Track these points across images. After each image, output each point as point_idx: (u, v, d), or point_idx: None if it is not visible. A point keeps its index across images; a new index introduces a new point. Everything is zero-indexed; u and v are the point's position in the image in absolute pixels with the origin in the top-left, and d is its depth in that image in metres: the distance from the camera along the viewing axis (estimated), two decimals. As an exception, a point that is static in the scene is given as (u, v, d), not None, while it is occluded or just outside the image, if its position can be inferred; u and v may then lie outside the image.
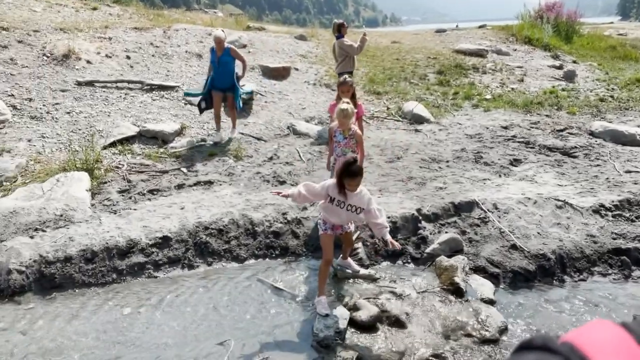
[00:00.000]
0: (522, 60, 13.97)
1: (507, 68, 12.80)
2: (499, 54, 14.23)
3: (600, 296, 4.32)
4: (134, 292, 4.27)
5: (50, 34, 9.41)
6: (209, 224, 4.90)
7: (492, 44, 15.21)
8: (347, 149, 4.76)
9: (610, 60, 15.56)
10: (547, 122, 8.71)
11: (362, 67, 11.78)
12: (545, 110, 9.68)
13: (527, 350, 0.61)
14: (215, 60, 7.21)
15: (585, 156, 7.21)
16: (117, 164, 6.29)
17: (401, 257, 4.91)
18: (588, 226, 5.11)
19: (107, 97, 8.00)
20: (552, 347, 0.59)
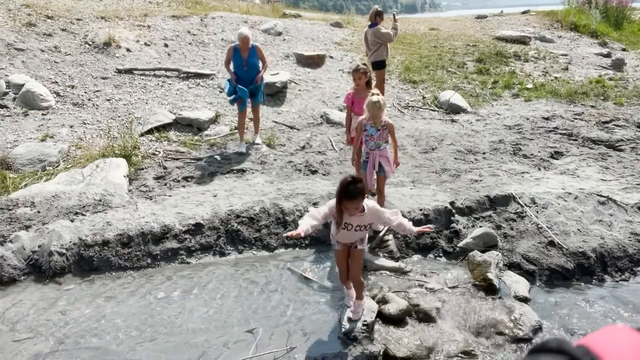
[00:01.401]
0: (567, 47, 13.36)
1: (550, 56, 12.27)
2: (543, 41, 13.66)
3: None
4: (167, 277, 4.38)
5: (92, 22, 9.67)
6: (240, 212, 4.95)
7: (536, 30, 14.60)
8: (381, 141, 4.60)
9: (663, 47, 14.66)
10: (591, 113, 8.31)
11: (398, 54, 11.56)
12: (590, 100, 9.23)
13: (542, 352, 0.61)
14: (242, 62, 6.40)
15: (632, 150, 6.85)
16: (154, 151, 6.43)
17: (432, 250, 4.83)
18: (632, 224, 4.86)
19: (146, 85, 8.18)
20: (567, 350, 0.59)
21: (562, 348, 0.59)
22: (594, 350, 0.58)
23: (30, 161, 5.93)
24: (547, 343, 0.62)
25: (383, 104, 4.36)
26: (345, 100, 5.47)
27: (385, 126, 4.58)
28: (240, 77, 6.41)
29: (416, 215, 5.01)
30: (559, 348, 0.60)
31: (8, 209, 4.91)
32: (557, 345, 0.60)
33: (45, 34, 8.78)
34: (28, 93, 7.17)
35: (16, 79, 7.39)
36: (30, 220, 4.78)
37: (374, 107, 4.33)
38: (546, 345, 0.62)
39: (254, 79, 6.45)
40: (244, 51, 6.38)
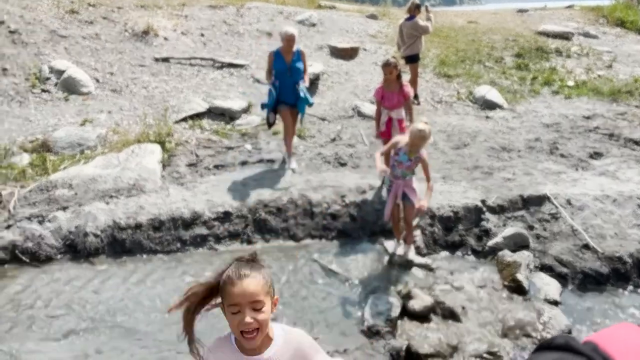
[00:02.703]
0: (612, 44, 12.79)
1: (594, 52, 11.78)
2: (587, 37, 13.11)
3: (682, 308, 3.94)
4: (196, 261, 4.48)
5: (132, 11, 9.89)
6: (268, 202, 5.00)
7: (580, 25, 14.03)
8: (408, 172, 4.19)
9: None
10: (635, 114, 7.95)
11: (434, 48, 11.34)
12: (635, 100, 8.82)
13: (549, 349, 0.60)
14: (285, 68, 5.51)
15: (678, 153, 6.52)
16: (187, 139, 6.55)
17: (461, 248, 4.76)
18: (675, 230, 4.64)
19: (181, 73, 8.32)
20: (575, 346, 0.58)
21: (569, 345, 0.59)
22: (602, 347, 0.57)
23: (70, 144, 6.15)
24: (555, 340, 0.61)
25: (428, 134, 3.91)
26: (375, 94, 5.30)
27: (419, 159, 4.10)
28: (284, 85, 5.53)
29: (445, 212, 4.94)
30: (567, 345, 0.59)
31: (47, 190, 5.11)
32: (565, 342, 0.60)
33: (87, 22, 9.03)
34: (69, 79, 7.42)
35: (58, 64, 7.66)
36: (67, 202, 4.96)
37: (417, 136, 3.86)
38: (553, 342, 0.61)
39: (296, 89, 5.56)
40: (287, 54, 5.51)
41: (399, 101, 5.08)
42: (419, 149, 4.00)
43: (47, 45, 8.11)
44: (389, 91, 5.08)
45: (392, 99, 5.07)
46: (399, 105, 5.10)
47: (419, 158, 4.09)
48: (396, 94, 5.05)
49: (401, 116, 5.16)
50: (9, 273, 4.28)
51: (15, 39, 7.99)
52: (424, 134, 3.85)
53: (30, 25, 8.40)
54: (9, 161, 5.67)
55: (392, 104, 5.09)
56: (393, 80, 5.02)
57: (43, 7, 9.07)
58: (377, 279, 4.19)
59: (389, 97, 5.07)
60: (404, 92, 5.03)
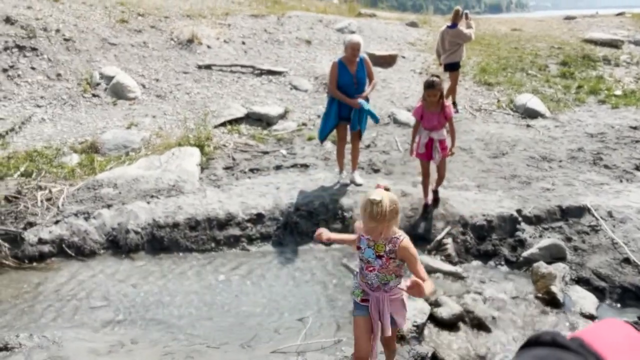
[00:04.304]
0: (667, 52, 12.18)
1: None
2: (637, 45, 12.55)
3: None
4: (229, 261, 4.61)
5: (178, 20, 10.32)
6: (300, 206, 5.09)
7: (630, 33, 13.45)
8: (389, 276, 2.55)
9: None
10: (688, 124, 7.55)
11: (475, 56, 11.18)
12: (689, 110, 8.38)
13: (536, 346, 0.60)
14: (351, 79, 5.12)
15: None
16: (225, 143, 6.76)
17: (494, 258, 4.67)
18: None
19: (222, 80, 8.61)
20: (561, 342, 0.59)
21: (556, 341, 0.59)
22: (588, 342, 0.58)
23: (116, 146, 6.47)
24: (541, 336, 0.62)
25: (386, 209, 2.29)
26: (414, 114, 4.89)
27: (394, 253, 2.45)
28: (351, 97, 5.15)
29: (478, 220, 4.87)
30: (554, 341, 0.60)
31: (94, 189, 5.41)
32: (551, 338, 0.60)
33: (136, 30, 9.50)
34: (118, 84, 7.82)
35: (108, 71, 8.09)
36: (112, 200, 5.23)
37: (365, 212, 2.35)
38: (540, 338, 0.62)
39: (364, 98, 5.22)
40: (351, 64, 5.12)
41: (440, 122, 4.72)
42: (384, 234, 2.42)
43: (98, 53, 8.58)
44: (429, 111, 4.69)
45: (433, 119, 4.71)
46: (440, 127, 4.75)
47: (394, 251, 2.44)
48: (437, 115, 4.68)
49: (443, 137, 4.79)
50: (55, 266, 4.56)
51: (69, 46, 8.50)
52: (376, 210, 2.27)
53: (84, 33, 8.92)
54: (59, 161, 6.03)
55: (432, 125, 4.73)
56: (435, 101, 4.63)
57: (95, 17, 9.61)
58: (406, 285, 4.18)
59: (429, 118, 4.71)
60: (445, 112, 4.67)
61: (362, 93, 5.24)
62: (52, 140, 6.53)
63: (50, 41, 8.43)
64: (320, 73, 9.29)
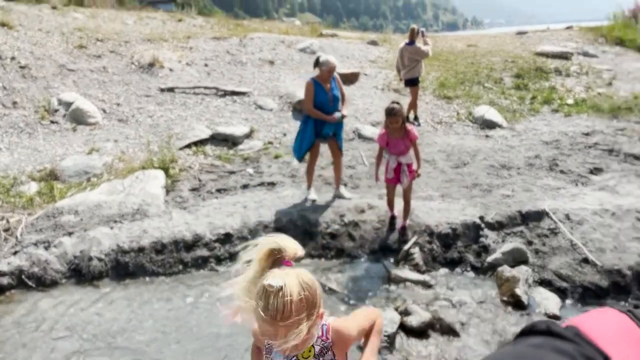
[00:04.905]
0: (612, 62, 12.91)
1: (593, 71, 11.90)
2: (586, 56, 13.26)
3: (685, 320, 3.90)
4: (197, 283, 4.53)
5: (138, 45, 10.26)
6: (268, 223, 5.08)
7: (578, 45, 14.21)
8: None
9: None
10: (635, 129, 7.99)
11: (433, 71, 11.55)
12: (635, 116, 8.87)
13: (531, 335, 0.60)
14: (327, 98, 5.27)
15: (678, 166, 6.52)
16: (190, 164, 6.71)
17: (460, 264, 4.77)
18: (675, 242, 4.62)
19: (185, 102, 8.56)
20: (557, 331, 0.58)
21: (551, 329, 0.59)
22: (583, 330, 0.57)
23: (77, 173, 6.32)
24: (536, 325, 0.61)
25: (292, 302, 1.30)
26: (379, 140, 4.89)
27: (330, 349, 1.58)
28: (327, 114, 5.29)
29: (443, 229, 4.98)
30: (548, 329, 0.59)
31: (54, 217, 5.25)
32: (546, 326, 0.60)
33: (95, 56, 9.38)
34: (77, 110, 7.67)
35: (66, 97, 7.93)
36: (73, 227, 5.08)
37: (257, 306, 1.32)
38: (535, 327, 0.61)
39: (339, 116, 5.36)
40: (326, 83, 5.27)
41: (406, 146, 4.81)
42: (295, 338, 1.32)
43: (56, 79, 8.41)
44: (394, 138, 4.77)
45: (399, 145, 4.79)
46: (406, 151, 4.83)
47: (326, 340, 1.57)
48: (402, 140, 4.76)
49: (410, 160, 4.89)
50: (15, 298, 4.37)
51: (25, 73, 8.31)
52: (279, 303, 1.29)
53: (40, 60, 8.75)
54: (17, 190, 5.84)
55: (399, 150, 4.81)
56: (398, 128, 4.71)
57: (52, 43, 9.45)
58: (375, 295, 4.22)
59: (395, 144, 4.79)
60: (410, 136, 4.75)
61: (336, 110, 5.37)
62: (9, 170, 6.32)
63: (5, 69, 8.22)
64: (284, 92, 9.38)
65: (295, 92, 9.18)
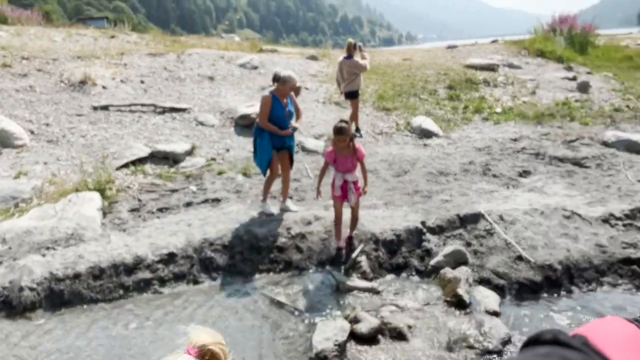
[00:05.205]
0: (535, 73, 13.89)
1: (518, 81, 12.74)
2: (511, 68, 14.19)
3: (609, 307, 4.22)
4: (140, 307, 4.35)
5: (68, 62, 9.81)
6: (214, 240, 4.98)
7: (504, 58, 15.18)
8: None
9: (626, 70, 15.31)
10: (557, 133, 8.62)
11: (372, 84, 11.89)
12: (557, 121, 9.58)
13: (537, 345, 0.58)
14: (284, 113, 5.39)
15: (597, 166, 7.10)
16: (129, 184, 6.46)
17: (405, 269, 4.89)
18: (597, 236, 5.01)
19: (121, 120, 8.26)
20: (564, 340, 0.57)
21: (557, 339, 0.57)
22: (591, 340, 0.56)
23: (3, 199, 5.89)
24: (542, 334, 0.59)
25: None
26: (327, 157, 4.89)
27: None
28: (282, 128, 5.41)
29: (388, 235, 5.10)
30: (555, 339, 0.57)
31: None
32: (553, 336, 0.58)
33: (21, 75, 8.87)
34: (2, 132, 7.19)
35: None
36: (1, 257, 4.73)
37: None
38: (541, 336, 0.59)
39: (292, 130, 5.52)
40: (283, 97, 5.37)
41: (354, 164, 4.82)
42: None
43: (-23, 100, 7.85)
44: (342, 155, 4.77)
45: (346, 162, 4.79)
46: (353, 168, 4.84)
47: None
48: (350, 158, 4.78)
49: (356, 178, 4.90)
50: None
51: (-58, 94, 7.71)
52: None
53: (-41, 80, 8.15)
54: None
55: (346, 168, 4.80)
56: (346, 146, 4.73)
57: (-27, 62, 8.84)
58: (325, 306, 4.24)
59: (343, 162, 4.79)
60: (357, 154, 4.78)
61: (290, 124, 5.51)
62: None
63: None
64: (225, 108, 9.29)
65: (237, 108, 9.12)
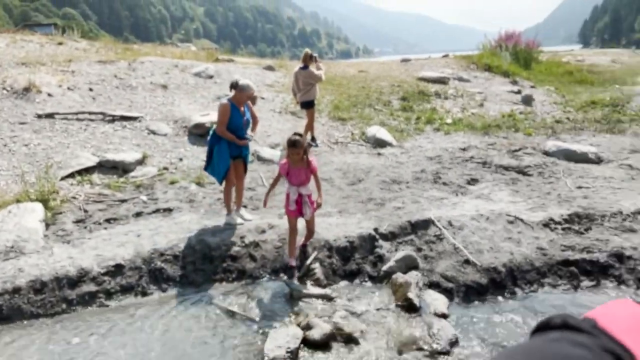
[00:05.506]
0: (482, 86, 14.51)
1: (467, 94, 13.27)
2: (460, 81, 14.76)
3: (550, 306, 4.42)
4: (84, 321, 4.17)
5: (11, 69, 9.38)
6: (164, 251, 4.86)
7: (454, 71, 15.78)
8: None
9: (567, 84, 16.28)
10: (503, 143, 9.02)
11: (328, 94, 12.05)
12: (502, 132, 10.02)
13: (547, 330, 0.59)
14: (241, 120, 5.38)
15: (539, 174, 7.47)
16: (75, 195, 6.21)
17: (358, 276, 4.95)
18: (538, 240, 5.26)
19: (67, 129, 7.96)
20: (573, 324, 0.57)
21: (567, 323, 0.58)
22: (601, 323, 0.57)
23: None
24: (552, 319, 0.59)
25: None
26: (281, 169, 4.82)
27: None
28: (239, 136, 5.41)
29: (341, 243, 5.15)
30: (564, 323, 0.58)
31: None
32: (562, 320, 0.58)
33: (-42, 80, 8.39)
34: None
35: None
36: None
37: None
38: (551, 322, 0.59)
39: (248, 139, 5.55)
40: (241, 105, 5.38)
41: (307, 177, 4.79)
42: None
43: None
44: (295, 168, 4.73)
45: (300, 175, 4.75)
46: (307, 181, 4.80)
47: None
48: (303, 170, 4.74)
49: (310, 191, 4.86)
50: None
51: None
52: None
53: None
54: None
55: (300, 181, 4.77)
56: (299, 158, 4.70)
57: None
58: (278, 314, 4.22)
59: (296, 174, 4.75)
60: (311, 167, 4.76)
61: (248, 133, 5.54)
62: None
63: None
64: (179, 116, 9.14)
65: (191, 117, 9.00)
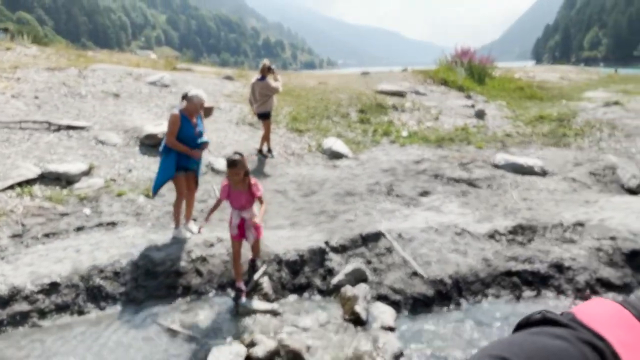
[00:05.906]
0: (438, 100, 14.88)
1: (423, 107, 13.56)
2: (417, 95, 15.09)
3: (493, 317, 4.51)
4: (14, 343, 3.93)
5: (-51, 73, 8.88)
6: (104, 267, 4.67)
7: (412, 85, 16.13)
8: None
9: (518, 99, 16.92)
10: (455, 156, 9.24)
11: (286, 106, 12.03)
12: (455, 145, 10.27)
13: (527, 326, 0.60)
14: (193, 131, 5.26)
15: (487, 186, 7.67)
16: (12, 208, 5.89)
17: (307, 289, 4.90)
18: (484, 251, 5.38)
19: (9, 138, 7.58)
20: (552, 318, 0.59)
21: (546, 317, 0.60)
22: (579, 316, 0.59)
23: None
24: (532, 316, 0.61)
25: None
26: (221, 192, 4.58)
27: None
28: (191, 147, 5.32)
29: (291, 256, 5.10)
30: (543, 318, 0.60)
31: None
32: (541, 316, 0.60)
33: None
34: None
35: None
36: None
37: None
38: (531, 318, 0.61)
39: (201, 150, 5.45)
40: (192, 116, 5.25)
41: (248, 200, 4.55)
42: None
43: None
44: (236, 190, 4.49)
45: (241, 199, 4.52)
46: (249, 205, 4.57)
47: None
48: (244, 194, 4.50)
49: (254, 215, 4.60)
50: None
51: None
52: None
53: None
54: None
55: (241, 204, 4.54)
56: (240, 180, 4.44)
57: None
58: (222, 330, 4.11)
59: (237, 197, 4.52)
60: (252, 191, 4.51)
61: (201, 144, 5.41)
62: None
63: None
64: (130, 126, 8.88)
65: (143, 126, 8.76)
